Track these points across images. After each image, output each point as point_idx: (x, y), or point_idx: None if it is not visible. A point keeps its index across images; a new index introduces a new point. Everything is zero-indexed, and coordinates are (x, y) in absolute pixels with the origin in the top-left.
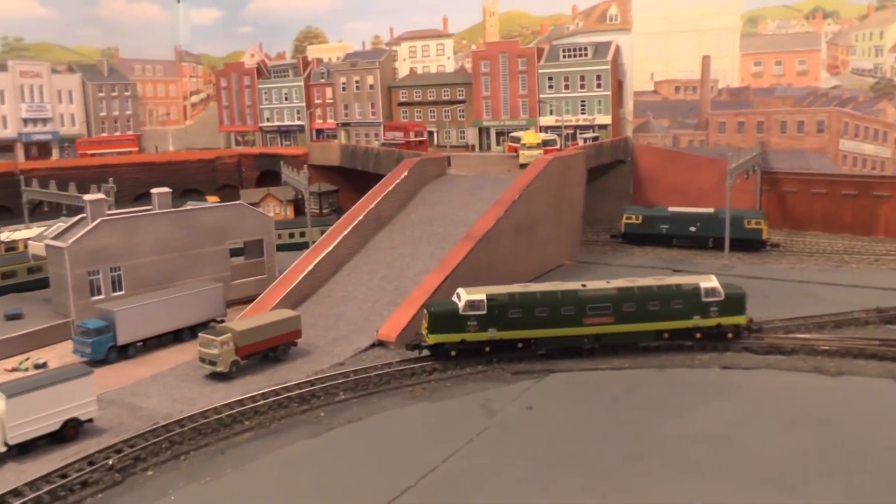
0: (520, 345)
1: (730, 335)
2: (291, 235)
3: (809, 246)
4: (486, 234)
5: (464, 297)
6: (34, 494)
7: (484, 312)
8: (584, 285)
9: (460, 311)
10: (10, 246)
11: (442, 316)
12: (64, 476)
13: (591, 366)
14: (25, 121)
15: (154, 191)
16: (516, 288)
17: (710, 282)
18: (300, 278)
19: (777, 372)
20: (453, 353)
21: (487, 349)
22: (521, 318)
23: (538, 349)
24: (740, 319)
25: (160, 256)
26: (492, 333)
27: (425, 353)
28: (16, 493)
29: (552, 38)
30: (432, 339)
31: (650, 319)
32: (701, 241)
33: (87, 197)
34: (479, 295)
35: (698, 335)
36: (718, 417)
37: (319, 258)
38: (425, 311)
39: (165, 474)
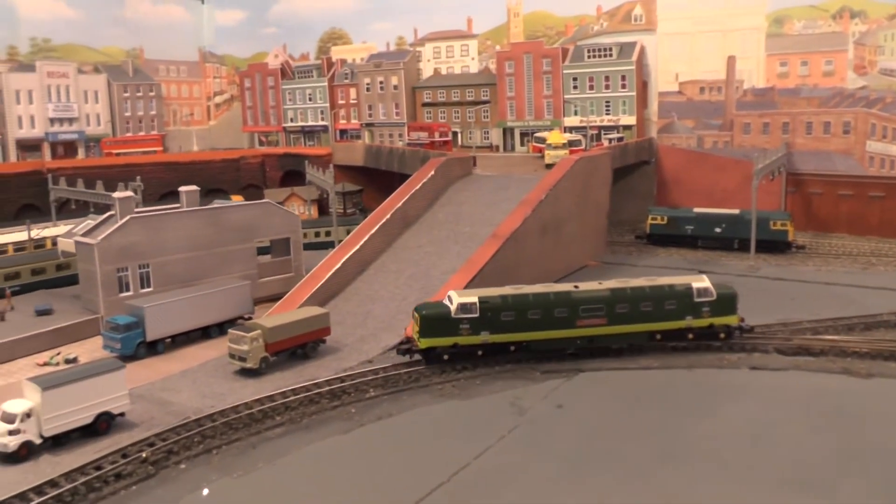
0: (512, 348)
1: (722, 335)
2: (317, 234)
3: (836, 248)
4: (512, 233)
5: (455, 299)
6: (70, 485)
7: (476, 315)
8: (576, 286)
9: (452, 314)
10: (39, 243)
11: (434, 319)
12: (98, 468)
13: (619, 365)
14: (52, 120)
15: (182, 189)
16: (508, 290)
17: (701, 282)
18: (327, 276)
19: (807, 373)
20: (445, 357)
21: (480, 353)
22: (513, 321)
23: (530, 351)
24: (732, 319)
25: (188, 254)
26: (484, 336)
27: (416, 357)
28: (52, 483)
29: (577, 38)
30: (424, 343)
31: (643, 320)
32: (726, 242)
33: (116, 194)
34: (471, 297)
35: (690, 336)
36: (749, 418)
37: (346, 257)
38: (416, 314)
39: (198, 468)
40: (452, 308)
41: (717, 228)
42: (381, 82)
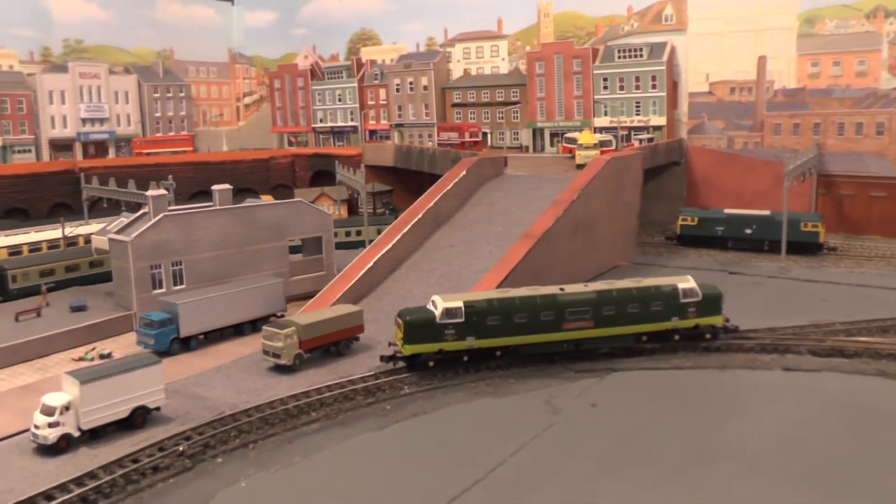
0: (498, 353)
1: (707, 336)
2: (347, 234)
3: (868, 250)
4: (544, 233)
5: (440, 304)
6: (108, 477)
7: (462, 320)
8: (562, 289)
9: (437, 320)
10: (71, 241)
11: (418, 325)
12: (136, 461)
13: (652, 365)
14: (84, 120)
15: (215, 187)
16: (494, 293)
17: (687, 282)
18: (360, 275)
19: (840, 375)
20: (431, 363)
21: (465, 358)
22: (499, 325)
23: (517, 356)
24: (717, 319)
25: (220, 252)
26: (470, 342)
27: (400, 364)
28: (91, 475)
29: (607, 38)
30: (409, 350)
31: (629, 322)
32: (757, 243)
33: (149, 193)
34: (456, 302)
35: (676, 337)
36: (783, 418)
37: (379, 255)
38: (400, 320)
39: (235, 462)
40: (437, 313)
41: (748, 230)
42: (410, 83)
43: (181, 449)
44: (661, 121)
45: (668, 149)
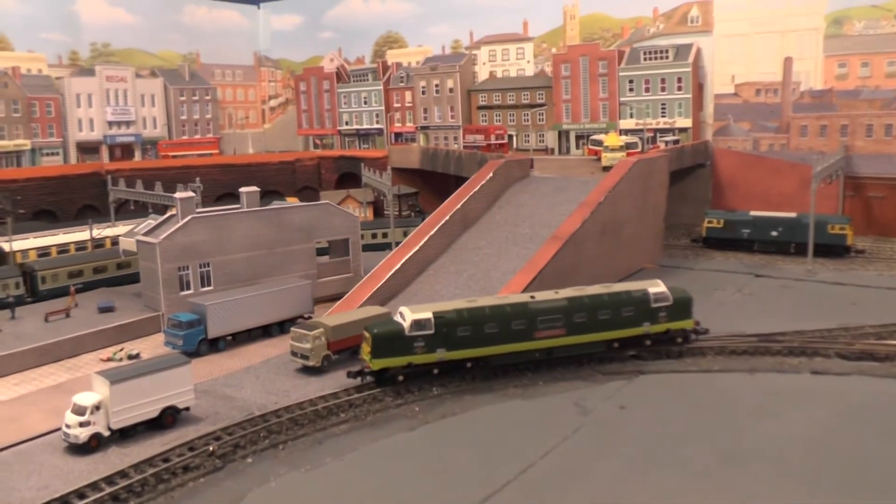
0: (469, 364)
1: (679, 340)
2: (374, 236)
3: None
4: (572, 235)
5: (409, 316)
6: (139, 476)
7: (431, 332)
8: (532, 297)
9: (406, 332)
10: (98, 243)
11: (386, 338)
12: (166, 460)
13: (681, 368)
14: (110, 123)
15: (243, 189)
16: (462, 303)
17: (658, 287)
18: (387, 276)
19: (871, 378)
20: (400, 378)
21: (436, 371)
22: (470, 336)
23: (488, 367)
24: (688, 323)
25: (248, 253)
26: (440, 354)
27: (369, 380)
28: (122, 474)
29: (633, 40)
30: (377, 365)
31: (601, 329)
32: (783, 245)
33: (177, 194)
34: (425, 313)
35: (648, 342)
36: (813, 422)
37: (406, 257)
38: (367, 333)
39: (265, 462)
40: (406, 325)
41: (774, 232)
42: (436, 85)
43: (211, 448)
44: (686, 123)
45: (694, 151)
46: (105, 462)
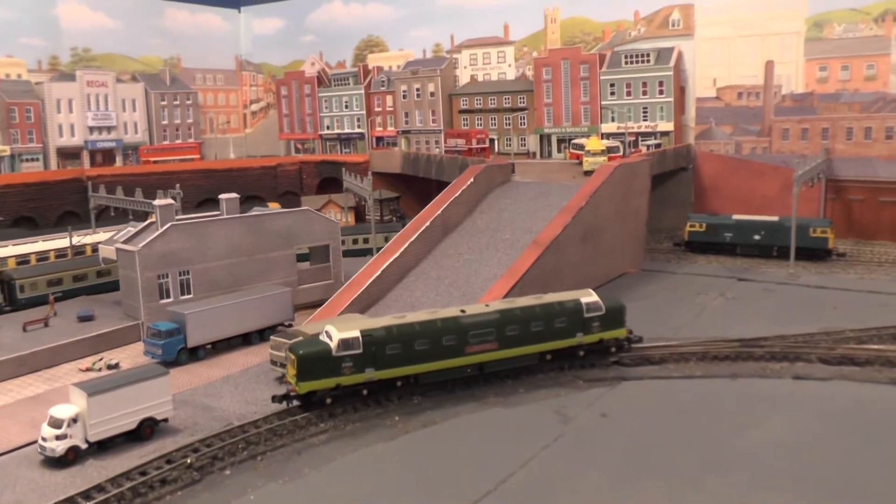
0: (399, 383)
1: (613, 349)
2: (355, 241)
3: (878, 256)
4: (553, 240)
5: (336, 335)
6: (116, 490)
7: (359, 351)
8: (463, 311)
9: (333, 353)
10: (79, 250)
11: (313, 359)
12: (143, 473)
13: (663, 374)
14: (91, 129)
15: (222, 196)
16: (391, 320)
17: (590, 296)
18: (368, 283)
19: (852, 383)
20: (328, 401)
21: (365, 392)
22: (400, 354)
23: (418, 386)
24: (621, 332)
25: (228, 260)
26: (370, 374)
27: (295, 403)
28: (99, 488)
29: (614, 44)
30: (304, 388)
31: (534, 341)
32: (765, 249)
33: (156, 202)
34: (353, 332)
35: (581, 353)
36: (795, 428)
37: (387, 264)
38: (291, 355)
39: (243, 473)
40: (333, 345)
41: (756, 235)
42: (417, 89)
43: (189, 461)
44: (668, 126)
45: (676, 154)
46: (82, 475)
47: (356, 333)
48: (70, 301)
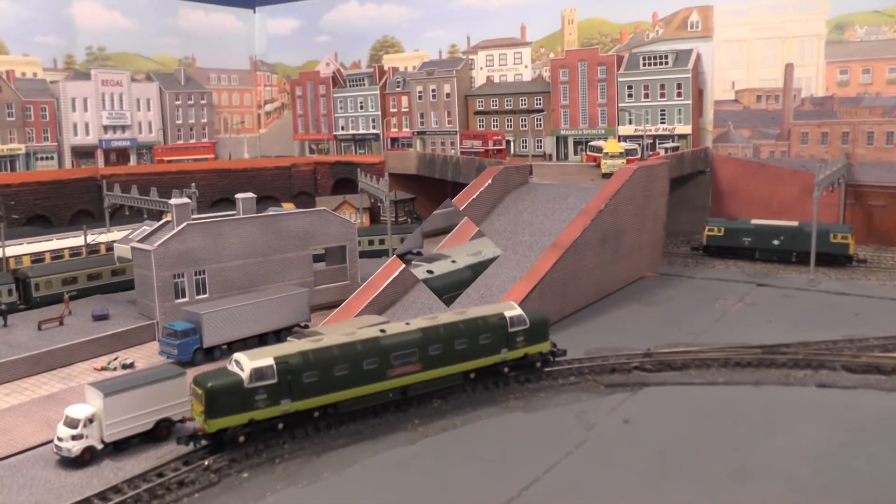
0: (316, 414)
1: (538, 364)
2: (370, 243)
3: None
4: (573, 243)
5: (246, 364)
6: (133, 492)
7: (274, 381)
8: (383, 331)
9: (246, 384)
10: (93, 249)
11: (222, 393)
12: (161, 475)
13: (685, 380)
14: (106, 128)
15: (239, 196)
16: (307, 344)
17: (513, 310)
18: (385, 284)
19: (878, 392)
20: (241, 438)
21: (280, 426)
22: (318, 382)
23: (337, 416)
24: (544, 346)
25: (244, 260)
26: (286, 406)
27: (203, 443)
28: (115, 489)
29: (632, 45)
30: (214, 426)
31: (458, 360)
32: (784, 254)
33: (172, 201)
34: (265, 359)
35: (506, 369)
36: (821, 437)
37: (405, 265)
38: (198, 389)
39: (261, 477)
40: (244, 376)
41: (776, 241)
42: (433, 90)
43: (207, 463)
44: (686, 129)
45: (694, 157)
46: (98, 476)
47: (270, 361)
48: (84, 300)
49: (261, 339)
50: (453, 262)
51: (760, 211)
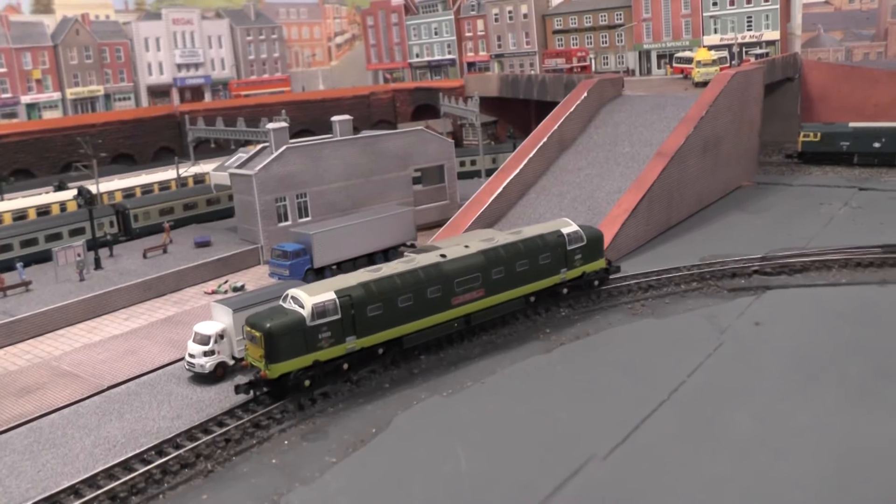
0: (380, 351)
1: (595, 283)
2: (462, 164)
3: None
4: (677, 151)
5: (306, 300)
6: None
7: (338, 317)
8: (443, 256)
9: (308, 322)
10: (182, 182)
11: (284, 334)
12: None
13: (807, 282)
14: (179, 66)
15: (335, 118)
16: (366, 275)
17: (569, 226)
18: (490, 201)
19: None
20: (307, 383)
21: (346, 366)
22: (382, 315)
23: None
24: (600, 263)
25: (345, 183)
26: (351, 343)
27: (265, 389)
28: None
29: None
30: (276, 371)
31: (520, 283)
32: (887, 157)
33: (270, 125)
34: (326, 294)
35: (565, 290)
36: None
37: (508, 180)
38: (255, 332)
39: (402, 387)
40: (306, 313)
41: (876, 143)
42: (509, 12)
43: (349, 372)
44: (774, 35)
45: (784, 64)
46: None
47: (331, 295)
48: (182, 229)
49: (370, 259)
50: None
51: (853, 116)
